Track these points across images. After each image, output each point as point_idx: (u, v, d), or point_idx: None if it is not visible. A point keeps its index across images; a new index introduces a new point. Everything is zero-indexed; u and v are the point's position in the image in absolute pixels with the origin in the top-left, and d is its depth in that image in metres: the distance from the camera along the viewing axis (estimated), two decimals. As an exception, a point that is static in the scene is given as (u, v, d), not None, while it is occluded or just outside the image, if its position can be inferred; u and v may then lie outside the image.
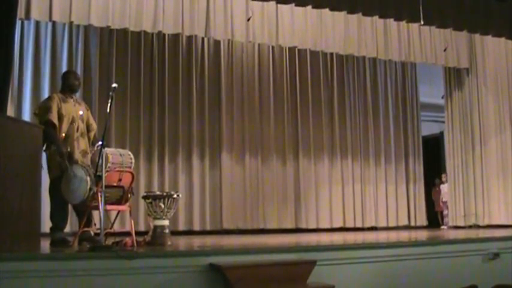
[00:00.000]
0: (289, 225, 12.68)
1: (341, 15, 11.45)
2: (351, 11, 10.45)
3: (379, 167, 13.95)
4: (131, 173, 7.14)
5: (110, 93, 6.44)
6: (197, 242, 8.75)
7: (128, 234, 7.11)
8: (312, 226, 12.86)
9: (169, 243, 7.06)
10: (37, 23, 10.89)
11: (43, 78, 10.98)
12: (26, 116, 10.49)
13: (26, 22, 10.50)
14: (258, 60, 12.99)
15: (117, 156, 7.06)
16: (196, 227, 11.82)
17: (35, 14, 9.38)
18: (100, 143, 6.54)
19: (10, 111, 8.93)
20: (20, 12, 8.89)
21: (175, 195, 7.20)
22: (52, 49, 11.16)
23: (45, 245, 6.78)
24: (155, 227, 7.09)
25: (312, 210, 12.97)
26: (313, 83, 13.45)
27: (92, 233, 7.18)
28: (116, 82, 7.12)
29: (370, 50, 12.29)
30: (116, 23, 10.05)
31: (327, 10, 10.80)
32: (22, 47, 10.80)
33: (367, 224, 13.51)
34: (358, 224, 13.40)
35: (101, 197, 6.34)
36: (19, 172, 6.10)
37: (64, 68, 10.78)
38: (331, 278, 6.22)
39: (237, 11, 11.01)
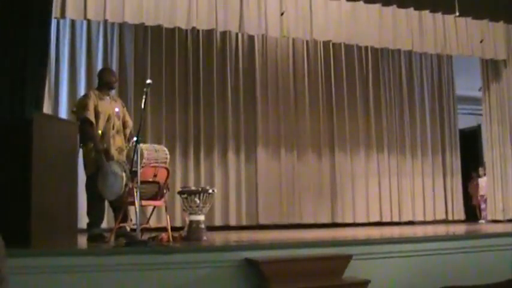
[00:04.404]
0: (326, 219, 12.62)
1: (375, 7, 11.33)
2: (386, 3, 10.40)
3: (415, 161, 13.83)
4: (166, 168, 7.18)
5: (145, 90, 6.48)
6: (233, 237, 8.77)
7: (164, 229, 7.17)
8: (348, 220, 12.80)
9: (204, 238, 7.10)
10: (72, 22, 11.01)
11: (79, 76, 11.09)
12: (63, 113, 10.60)
13: (61, 21, 10.63)
14: (292, 55, 12.95)
15: (152, 151, 7.11)
16: (232, 222, 11.83)
17: (70, 13, 9.44)
18: (135, 138, 6.60)
19: (47, 109, 9.07)
20: (56, 11, 8.97)
21: (210, 191, 7.24)
22: (87, 47, 11.26)
23: (82, 241, 6.86)
24: (191, 222, 7.13)
25: (348, 205, 12.91)
26: (348, 76, 13.39)
27: (128, 229, 7.23)
28: (150, 78, 7.19)
29: (405, 43, 12.09)
30: (150, 19, 10.07)
31: (361, 3, 10.74)
32: (58, 45, 10.96)
33: (404, 218, 13.37)
34: (395, 218, 13.28)
35: (136, 192, 6.40)
36: (56, 169, 6.15)
37: (100, 66, 10.90)
38: (367, 272, 6.18)
39: (270, 6, 10.94)
